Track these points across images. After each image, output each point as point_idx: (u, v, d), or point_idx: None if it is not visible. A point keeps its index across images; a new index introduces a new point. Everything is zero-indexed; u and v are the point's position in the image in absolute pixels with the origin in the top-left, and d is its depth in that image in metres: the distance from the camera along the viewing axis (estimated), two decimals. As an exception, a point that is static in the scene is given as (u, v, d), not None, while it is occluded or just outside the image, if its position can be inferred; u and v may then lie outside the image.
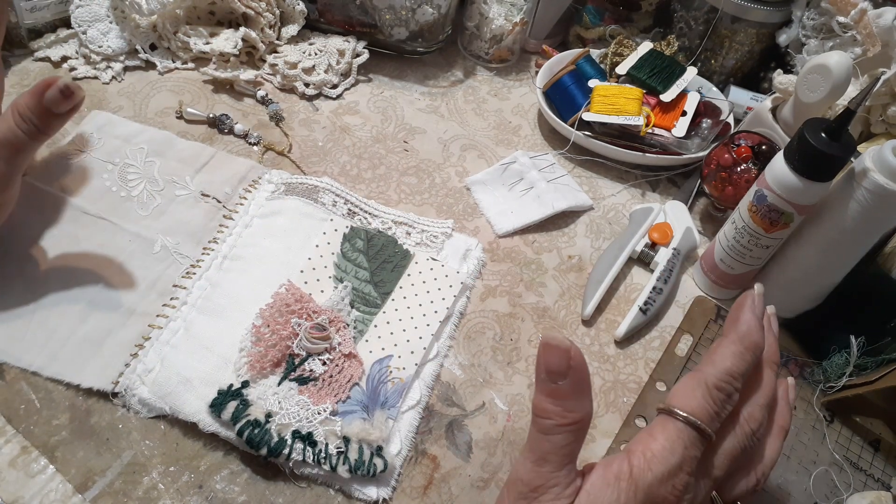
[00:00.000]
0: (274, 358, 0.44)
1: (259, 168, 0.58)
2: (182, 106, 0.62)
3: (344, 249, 0.52)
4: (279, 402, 0.42)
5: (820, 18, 0.68)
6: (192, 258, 0.51)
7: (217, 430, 0.41)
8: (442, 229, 0.57)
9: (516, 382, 0.49)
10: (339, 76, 0.70)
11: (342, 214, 0.55)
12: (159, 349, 0.45)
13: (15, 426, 0.41)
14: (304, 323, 0.46)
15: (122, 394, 0.43)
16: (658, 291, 0.55)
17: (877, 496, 0.45)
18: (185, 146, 0.59)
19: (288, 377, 0.44)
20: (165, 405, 0.42)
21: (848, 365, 0.50)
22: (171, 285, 0.49)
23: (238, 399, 0.42)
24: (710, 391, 0.33)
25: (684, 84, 0.68)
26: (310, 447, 0.40)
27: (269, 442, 0.40)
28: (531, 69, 0.79)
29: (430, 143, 0.66)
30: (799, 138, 0.46)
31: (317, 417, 0.42)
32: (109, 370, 0.44)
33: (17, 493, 0.38)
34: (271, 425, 0.41)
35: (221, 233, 0.53)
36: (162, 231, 0.52)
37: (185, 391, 0.42)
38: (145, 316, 0.47)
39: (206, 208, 0.54)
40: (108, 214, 0.52)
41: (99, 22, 0.65)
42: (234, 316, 0.47)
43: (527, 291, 0.55)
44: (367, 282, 0.51)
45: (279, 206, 0.55)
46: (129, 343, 0.45)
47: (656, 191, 0.67)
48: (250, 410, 0.41)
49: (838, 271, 0.52)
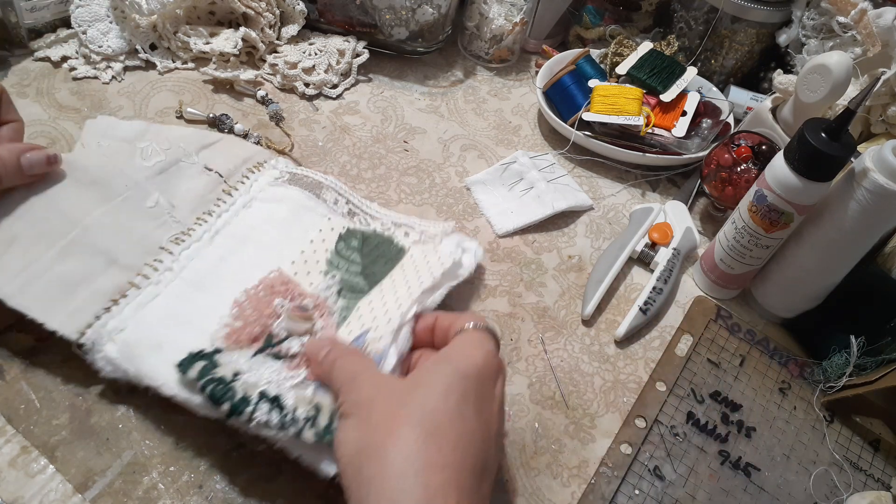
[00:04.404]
0: (252, 333, 0.42)
1: (265, 153, 0.57)
2: (182, 106, 0.62)
3: (338, 247, 0.51)
4: (250, 365, 0.40)
5: (820, 18, 0.68)
6: (184, 225, 0.49)
7: (178, 394, 0.39)
8: (442, 229, 0.55)
9: (516, 382, 0.49)
10: (339, 76, 0.70)
11: (342, 213, 0.54)
12: (134, 309, 0.43)
13: (15, 426, 0.41)
14: (288, 303, 0.44)
15: (86, 346, 0.41)
16: (658, 291, 0.55)
17: (877, 496, 0.45)
18: (192, 131, 0.58)
19: (264, 351, 0.42)
20: (131, 367, 0.40)
21: (848, 365, 0.50)
22: (158, 246, 0.47)
23: (207, 360, 0.40)
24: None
25: (684, 84, 0.68)
26: (276, 409, 0.38)
27: (231, 398, 0.37)
28: (531, 69, 0.79)
29: (430, 143, 0.66)
30: (799, 138, 0.46)
31: (289, 381, 0.40)
32: (78, 318, 0.42)
33: (17, 493, 0.38)
34: (236, 383, 0.39)
35: (218, 206, 0.51)
36: (159, 188, 0.50)
37: (154, 356, 0.41)
38: (126, 270, 0.45)
39: (207, 180, 0.53)
40: (108, 153, 0.50)
41: (99, 22, 0.65)
42: (216, 290, 0.45)
43: (527, 291, 0.55)
44: (357, 274, 0.49)
45: (282, 193, 0.53)
46: (104, 294, 0.43)
47: (656, 191, 0.67)
48: (218, 370, 0.39)
49: (838, 271, 0.52)
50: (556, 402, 0.49)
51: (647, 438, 0.48)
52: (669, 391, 0.50)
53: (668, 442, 0.48)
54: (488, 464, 0.34)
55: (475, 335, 0.38)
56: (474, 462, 0.33)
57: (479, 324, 0.39)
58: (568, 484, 0.45)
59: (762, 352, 0.55)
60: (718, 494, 0.46)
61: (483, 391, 0.35)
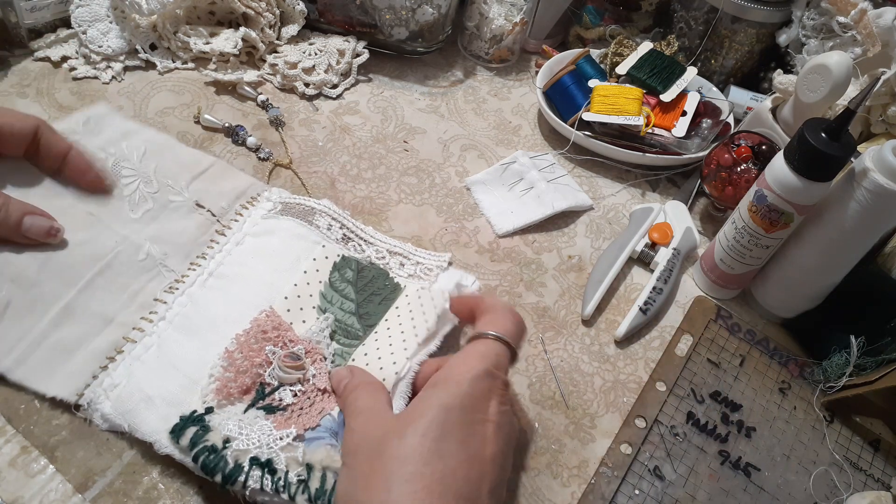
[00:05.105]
0: (243, 385, 0.42)
1: (259, 185, 0.57)
2: (200, 112, 0.62)
3: (332, 279, 0.49)
4: (240, 427, 0.39)
5: (820, 18, 0.68)
6: (178, 272, 0.49)
7: (172, 453, 0.39)
8: (438, 262, 0.54)
9: (516, 382, 0.49)
10: (339, 76, 0.70)
11: (336, 239, 0.53)
12: (129, 364, 0.43)
13: (15, 426, 0.41)
14: (279, 351, 0.43)
15: (84, 407, 0.41)
16: (658, 291, 0.55)
17: (877, 496, 0.45)
18: (185, 151, 0.57)
19: (255, 405, 0.41)
20: (125, 422, 0.40)
21: (848, 365, 0.50)
22: (153, 298, 0.47)
23: (199, 425, 0.39)
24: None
25: (684, 84, 0.68)
26: (269, 474, 0.37)
27: (223, 468, 0.37)
28: (531, 69, 0.79)
29: (430, 143, 0.66)
30: (799, 138, 0.46)
31: (278, 443, 0.39)
32: (76, 380, 0.42)
33: (17, 493, 0.38)
34: (227, 451, 0.38)
35: (211, 248, 0.51)
36: (150, 238, 0.50)
37: (146, 409, 0.41)
38: (122, 327, 0.45)
39: (199, 220, 0.52)
40: (97, 211, 0.50)
41: (99, 22, 0.65)
42: (208, 337, 0.45)
43: (527, 291, 0.55)
44: (351, 314, 0.48)
45: (273, 225, 0.52)
46: (101, 354, 0.43)
47: (656, 191, 0.67)
48: (209, 436, 0.39)
49: (838, 271, 0.52)
50: (556, 402, 0.49)
51: (647, 438, 0.48)
52: (669, 391, 0.50)
53: (668, 442, 0.48)
54: (481, 490, 0.34)
55: (479, 349, 0.38)
56: (457, 498, 0.32)
57: (494, 332, 0.39)
58: (568, 484, 0.45)
59: (762, 352, 0.55)
60: (718, 494, 0.46)
61: (470, 418, 0.35)
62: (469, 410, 0.35)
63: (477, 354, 0.38)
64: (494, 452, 0.35)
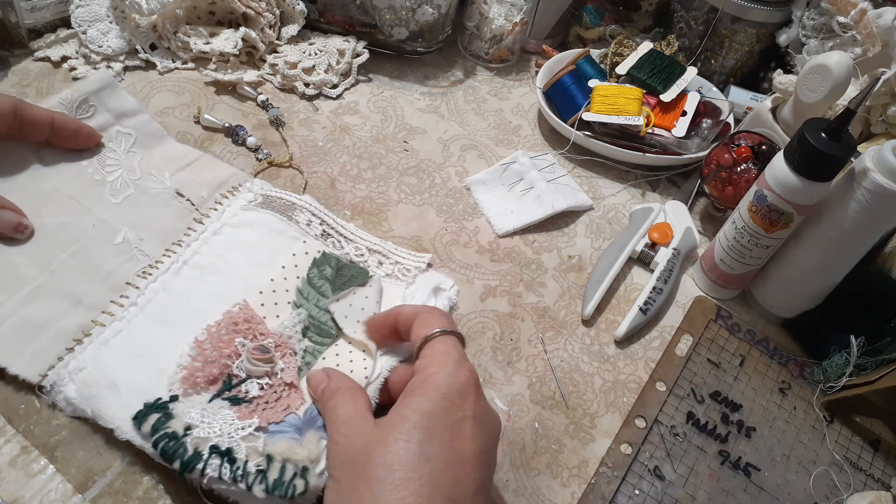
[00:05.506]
0: (210, 374, 0.42)
1: (241, 175, 0.56)
2: (200, 111, 0.62)
3: (311, 275, 0.49)
4: (203, 416, 0.39)
5: (820, 18, 0.68)
6: (153, 258, 0.49)
7: (132, 439, 0.39)
8: (416, 263, 0.54)
9: (516, 382, 0.49)
10: (339, 76, 0.70)
11: (315, 235, 0.53)
12: (96, 348, 0.43)
13: (15, 426, 0.41)
14: (248, 343, 0.43)
15: (47, 388, 0.41)
16: (658, 291, 0.55)
17: (877, 496, 0.45)
18: (173, 147, 0.57)
19: (221, 395, 0.41)
20: (88, 408, 0.40)
21: (848, 365, 0.50)
22: (125, 282, 0.47)
23: (162, 412, 0.39)
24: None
25: (684, 84, 0.68)
26: (227, 463, 0.37)
27: (182, 455, 0.37)
28: (531, 69, 0.79)
29: (430, 143, 0.66)
30: (799, 138, 0.46)
31: (239, 433, 0.38)
32: (41, 360, 0.42)
33: (17, 493, 0.38)
34: (188, 438, 0.37)
35: (188, 236, 0.51)
36: (128, 223, 0.50)
37: (110, 396, 0.40)
38: (91, 309, 0.45)
39: (178, 208, 0.52)
40: (78, 195, 0.50)
41: (99, 22, 0.65)
42: (179, 327, 0.44)
43: (527, 291, 0.55)
44: (326, 311, 0.47)
45: (252, 218, 0.52)
46: (68, 335, 0.43)
47: (656, 191, 0.67)
48: (171, 423, 0.38)
49: (838, 271, 0.52)
50: (556, 402, 0.49)
51: (647, 438, 0.48)
52: (669, 391, 0.50)
53: (668, 442, 0.48)
54: (469, 489, 0.34)
55: (440, 347, 0.38)
56: (446, 500, 0.32)
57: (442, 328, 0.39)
58: (568, 484, 0.45)
59: (762, 352, 0.55)
60: (718, 494, 0.46)
61: (451, 418, 0.35)
62: (450, 411, 0.35)
63: (442, 354, 0.38)
64: (479, 450, 0.35)
